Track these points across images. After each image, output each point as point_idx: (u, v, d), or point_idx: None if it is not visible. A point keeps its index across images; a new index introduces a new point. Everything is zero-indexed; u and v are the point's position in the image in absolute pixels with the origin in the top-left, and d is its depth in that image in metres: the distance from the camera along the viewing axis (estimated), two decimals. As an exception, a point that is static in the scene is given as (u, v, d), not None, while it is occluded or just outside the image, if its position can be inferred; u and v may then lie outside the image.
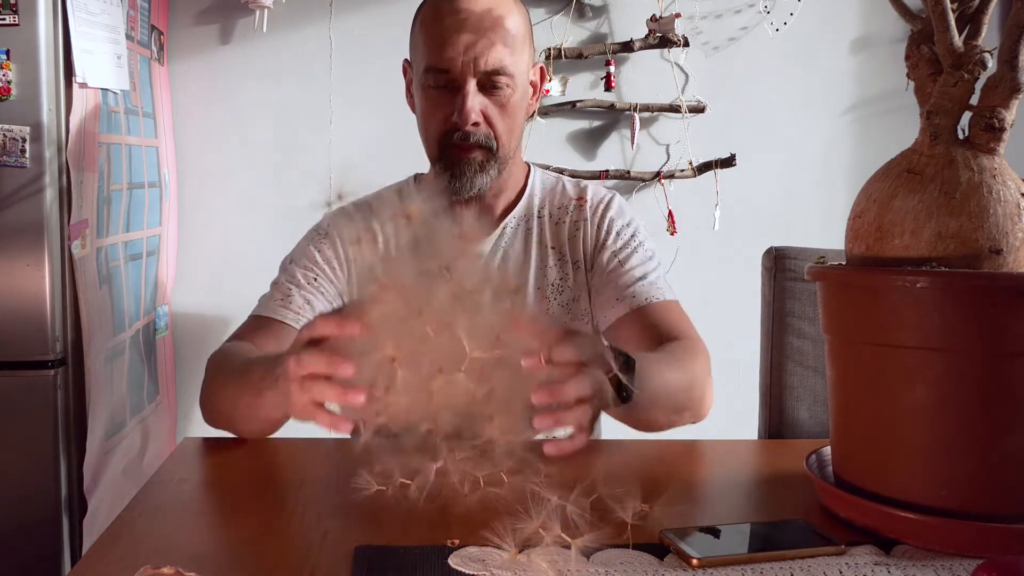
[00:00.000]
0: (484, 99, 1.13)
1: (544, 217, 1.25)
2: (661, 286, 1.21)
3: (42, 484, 1.58)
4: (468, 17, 1.10)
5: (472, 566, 0.66)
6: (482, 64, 1.10)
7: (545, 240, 1.24)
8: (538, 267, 1.23)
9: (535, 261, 1.23)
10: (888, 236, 0.76)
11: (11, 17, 1.52)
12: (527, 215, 1.25)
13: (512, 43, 1.12)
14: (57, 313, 1.57)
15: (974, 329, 0.70)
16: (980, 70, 0.75)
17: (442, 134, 1.14)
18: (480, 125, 1.13)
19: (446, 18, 1.11)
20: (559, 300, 1.23)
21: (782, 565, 0.69)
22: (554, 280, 1.23)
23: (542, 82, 1.24)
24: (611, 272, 1.21)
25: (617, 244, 1.22)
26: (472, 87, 1.11)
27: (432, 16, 1.13)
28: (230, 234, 2.25)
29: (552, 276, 1.23)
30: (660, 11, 2.22)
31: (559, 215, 1.25)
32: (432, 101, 1.14)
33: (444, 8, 1.12)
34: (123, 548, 0.72)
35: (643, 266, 1.21)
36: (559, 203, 1.26)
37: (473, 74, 1.11)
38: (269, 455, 0.98)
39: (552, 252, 1.24)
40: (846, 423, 0.81)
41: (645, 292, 1.18)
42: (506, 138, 1.16)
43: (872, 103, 2.37)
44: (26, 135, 1.53)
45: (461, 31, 1.10)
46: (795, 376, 1.29)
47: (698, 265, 2.32)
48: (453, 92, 1.12)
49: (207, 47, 2.22)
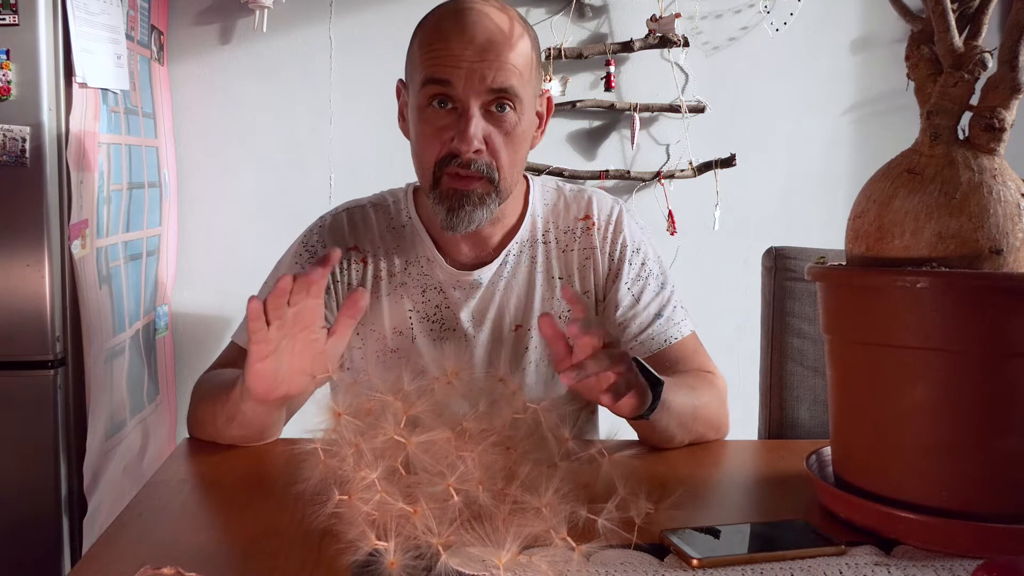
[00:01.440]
0: (488, 125, 1.02)
1: (550, 243, 1.17)
2: (677, 320, 1.16)
3: (42, 484, 1.57)
4: (475, 32, 1.00)
5: (472, 566, 0.66)
6: (488, 82, 1.00)
7: (552, 270, 1.17)
8: (544, 298, 1.16)
9: (540, 291, 1.16)
10: (888, 236, 0.76)
11: (11, 17, 1.51)
12: (531, 240, 1.17)
13: (521, 64, 1.03)
14: (57, 313, 1.57)
15: (974, 329, 0.70)
16: (980, 70, 0.75)
17: (439, 159, 1.03)
18: (482, 153, 1.02)
19: (451, 32, 1.01)
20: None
21: (782, 565, 0.69)
22: (562, 312, 1.16)
23: (548, 113, 1.14)
24: (627, 308, 1.15)
25: (630, 275, 1.16)
26: (476, 110, 1.01)
27: (435, 31, 1.04)
28: (230, 234, 2.24)
29: (559, 307, 1.16)
30: (660, 11, 2.22)
31: (566, 241, 1.17)
32: (429, 122, 1.03)
33: (449, 23, 1.02)
34: (123, 548, 0.72)
35: (657, 299, 1.16)
36: (564, 225, 1.18)
37: (478, 94, 1.01)
38: (269, 455, 0.98)
39: (560, 283, 1.16)
40: (846, 423, 0.81)
41: (663, 333, 1.14)
42: (508, 170, 1.05)
43: (872, 103, 2.37)
44: (26, 135, 1.53)
45: (467, 46, 1.00)
46: (795, 376, 1.29)
47: (698, 265, 2.32)
48: (454, 114, 1.02)
49: (207, 47, 2.22)
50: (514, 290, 1.16)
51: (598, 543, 0.69)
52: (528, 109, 1.06)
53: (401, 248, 1.17)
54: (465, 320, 1.15)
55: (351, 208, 1.21)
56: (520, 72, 1.03)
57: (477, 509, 0.72)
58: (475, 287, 1.15)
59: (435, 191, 1.05)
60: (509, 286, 1.16)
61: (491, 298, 1.16)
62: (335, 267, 1.14)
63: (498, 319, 1.16)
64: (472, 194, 1.04)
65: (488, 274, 1.15)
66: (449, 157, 1.03)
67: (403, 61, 1.14)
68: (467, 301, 1.15)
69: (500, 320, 1.16)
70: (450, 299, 1.15)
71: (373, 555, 0.67)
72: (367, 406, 0.78)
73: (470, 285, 1.15)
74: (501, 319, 1.16)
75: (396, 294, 1.16)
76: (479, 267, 1.15)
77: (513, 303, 1.16)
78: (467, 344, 1.15)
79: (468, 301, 1.15)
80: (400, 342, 1.15)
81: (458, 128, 1.01)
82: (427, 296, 1.16)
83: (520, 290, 1.16)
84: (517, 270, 1.16)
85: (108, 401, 1.71)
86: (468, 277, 1.14)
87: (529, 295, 1.16)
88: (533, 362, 1.16)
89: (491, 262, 1.15)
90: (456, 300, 1.15)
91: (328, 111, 2.25)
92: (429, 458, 0.75)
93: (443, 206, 1.05)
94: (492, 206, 1.06)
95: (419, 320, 1.15)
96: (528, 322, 1.16)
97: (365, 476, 0.72)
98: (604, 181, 2.27)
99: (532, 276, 1.16)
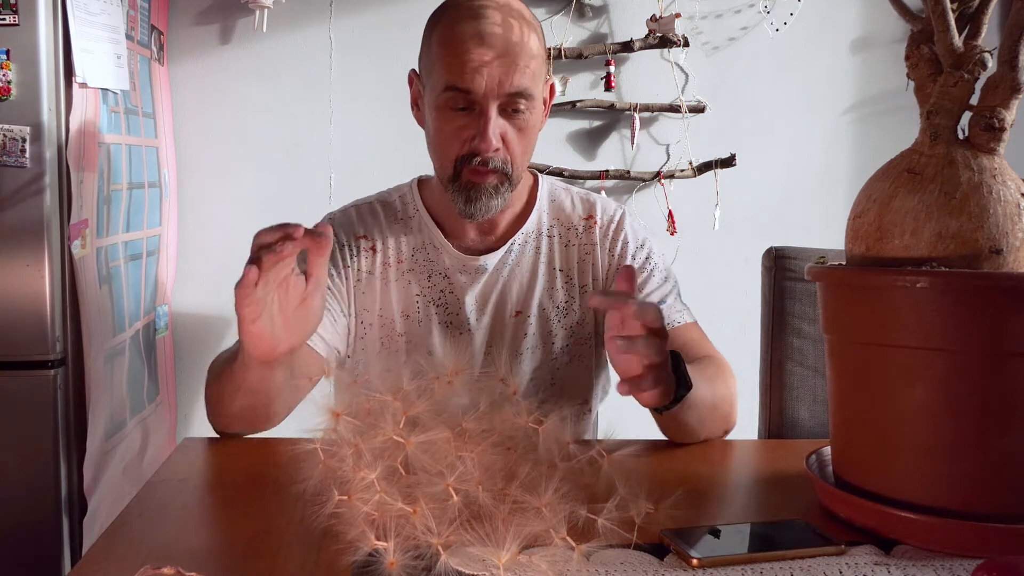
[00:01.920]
0: (504, 123, 1.09)
1: (554, 237, 1.23)
2: (680, 308, 1.21)
3: (42, 484, 1.57)
4: (492, 39, 1.06)
5: (472, 566, 0.66)
6: (506, 87, 1.06)
7: (553, 262, 1.22)
8: (544, 288, 1.21)
9: (542, 282, 1.21)
10: (888, 236, 0.76)
11: (11, 17, 1.51)
12: (537, 232, 1.23)
13: (534, 64, 1.09)
14: (57, 313, 1.57)
15: (974, 329, 0.70)
16: (980, 70, 0.75)
17: (459, 157, 1.10)
18: (500, 150, 1.10)
19: (469, 39, 1.06)
20: (564, 323, 1.21)
21: (782, 565, 0.69)
22: (560, 302, 1.22)
23: (551, 97, 1.20)
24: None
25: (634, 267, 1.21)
26: (494, 112, 1.08)
27: (453, 34, 1.08)
28: (230, 234, 2.24)
29: (558, 298, 1.22)
30: (660, 11, 2.22)
31: (568, 236, 1.23)
32: (449, 122, 1.10)
33: (467, 28, 1.07)
34: (123, 548, 0.72)
35: (659, 290, 1.21)
36: (568, 222, 1.24)
37: (496, 97, 1.07)
38: (269, 455, 0.98)
39: (560, 274, 1.22)
40: (846, 423, 0.81)
41: (666, 317, 1.14)
42: (520, 160, 1.13)
43: (872, 103, 2.37)
44: (26, 135, 1.53)
45: (485, 53, 1.05)
46: (795, 376, 1.29)
47: (698, 265, 2.32)
48: (472, 114, 1.09)
49: (207, 47, 2.22)
50: (517, 278, 1.21)
51: (598, 543, 0.69)
52: (538, 103, 1.13)
53: (409, 236, 1.22)
54: (469, 304, 1.20)
55: (359, 204, 1.26)
56: (533, 72, 1.09)
57: (477, 509, 0.72)
58: (480, 272, 1.20)
59: (455, 183, 1.12)
60: (513, 274, 1.21)
61: (495, 284, 1.21)
62: (345, 254, 1.20)
63: (500, 304, 1.21)
64: (488, 186, 1.11)
65: (494, 260, 1.21)
66: (470, 155, 1.09)
67: (403, 61, 1.15)
68: (472, 286, 1.20)
69: (502, 306, 1.21)
70: (455, 284, 1.20)
71: (373, 555, 0.67)
72: (366, 406, 0.79)
73: (476, 270, 1.20)
74: (503, 305, 1.21)
75: (404, 279, 1.20)
76: (485, 253, 1.21)
77: (515, 290, 1.21)
78: (469, 328, 1.19)
79: (473, 286, 1.20)
80: (408, 326, 1.20)
81: (477, 129, 1.08)
82: (433, 281, 1.20)
83: (523, 278, 1.21)
84: (522, 259, 1.22)
85: (108, 401, 1.71)
86: (475, 262, 1.20)
87: (531, 284, 1.21)
88: (530, 348, 1.21)
89: (497, 249, 1.21)
90: (461, 285, 1.20)
91: (328, 111, 2.25)
92: (428, 458, 0.75)
93: (462, 196, 1.12)
94: (506, 194, 1.13)
95: (426, 304, 1.20)
96: (528, 309, 1.21)
97: (364, 476, 0.72)
98: (604, 181, 2.27)
99: (536, 266, 1.22)
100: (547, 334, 1.21)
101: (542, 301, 1.21)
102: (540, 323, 1.21)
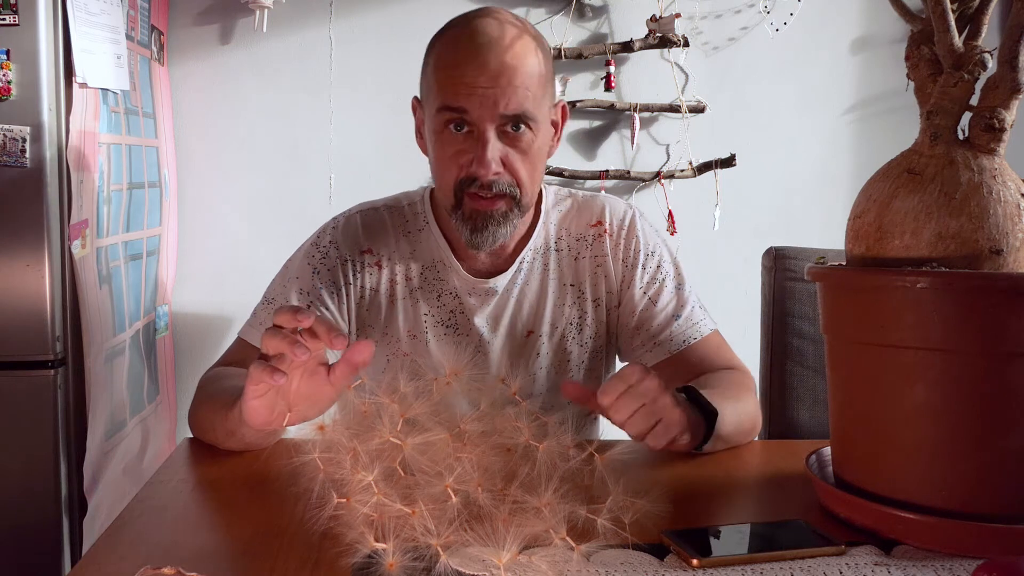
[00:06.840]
0: (504, 146, 1.03)
1: (562, 251, 1.18)
2: (697, 319, 1.16)
3: (42, 484, 1.58)
4: (488, 59, 1.00)
5: (472, 566, 0.66)
6: (502, 108, 1.01)
7: (563, 277, 1.18)
8: (555, 305, 1.17)
9: (552, 299, 1.17)
10: (888, 236, 0.76)
11: (11, 17, 1.52)
12: (544, 248, 1.18)
13: (534, 86, 1.03)
14: (57, 313, 1.57)
15: (974, 329, 0.70)
16: (980, 70, 0.75)
17: (459, 182, 1.05)
18: (502, 174, 1.04)
19: (464, 59, 1.01)
20: (578, 339, 1.18)
21: (782, 565, 0.69)
22: (572, 319, 1.17)
23: (563, 120, 1.15)
24: (643, 312, 1.16)
25: (644, 279, 1.17)
26: (492, 134, 1.02)
27: (449, 55, 1.04)
28: (230, 234, 2.25)
29: (570, 314, 1.17)
30: (660, 11, 2.22)
31: (577, 248, 1.18)
32: (448, 146, 1.05)
33: (461, 47, 1.02)
34: (123, 548, 0.72)
35: (674, 300, 1.16)
36: (576, 232, 1.19)
37: (492, 119, 1.02)
38: (269, 455, 0.98)
39: (571, 290, 1.18)
40: (846, 423, 0.81)
41: (682, 334, 1.14)
42: (528, 185, 1.06)
43: (872, 103, 2.37)
44: (26, 135, 1.53)
45: (480, 73, 1.00)
46: (795, 376, 1.29)
47: (698, 265, 2.31)
48: (470, 137, 1.04)
49: (207, 47, 2.22)
50: (527, 296, 1.17)
51: (598, 543, 0.69)
52: (544, 125, 1.07)
53: (417, 253, 1.17)
54: (480, 325, 1.16)
55: (365, 210, 1.20)
56: (533, 94, 1.03)
57: (476, 509, 0.72)
58: (490, 294, 1.16)
59: (457, 211, 1.07)
60: (523, 292, 1.17)
61: (505, 304, 1.17)
62: (348, 270, 1.15)
63: (512, 325, 1.17)
64: (495, 213, 1.06)
65: (503, 281, 1.16)
66: (469, 180, 1.04)
67: (403, 61, 1.15)
68: (482, 307, 1.16)
69: (514, 326, 1.17)
70: (465, 305, 1.16)
71: (372, 556, 0.67)
72: (363, 409, 0.78)
73: (486, 292, 1.16)
74: (515, 325, 1.17)
75: (411, 298, 1.16)
76: (495, 274, 1.16)
77: (526, 309, 1.17)
78: (482, 349, 1.16)
79: (483, 307, 1.16)
80: (414, 346, 1.16)
81: (475, 152, 1.03)
82: (443, 301, 1.16)
83: (533, 296, 1.17)
84: (530, 277, 1.17)
85: (108, 401, 1.71)
86: (484, 285, 1.15)
87: (541, 301, 1.17)
88: (544, 368, 1.17)
89: (506, 269, 1.16)
90: (471, 306, 1.16)
91: (328, 111, 2.25)
92: (426, 460, 0.74)
93: (467, 226, 1.07)
94: (515, 221, 1.08)
95: (434, 325, 1.16)
96: (539, 328, 1.17)
97: (362, 478, 0.72)
98: (604, 181, 2.27)
99: (544, 283, 1.18)
100: (561, 352, 1.18)
101: (554, 319, 1.17)
102: (553, 342, 1.17)
